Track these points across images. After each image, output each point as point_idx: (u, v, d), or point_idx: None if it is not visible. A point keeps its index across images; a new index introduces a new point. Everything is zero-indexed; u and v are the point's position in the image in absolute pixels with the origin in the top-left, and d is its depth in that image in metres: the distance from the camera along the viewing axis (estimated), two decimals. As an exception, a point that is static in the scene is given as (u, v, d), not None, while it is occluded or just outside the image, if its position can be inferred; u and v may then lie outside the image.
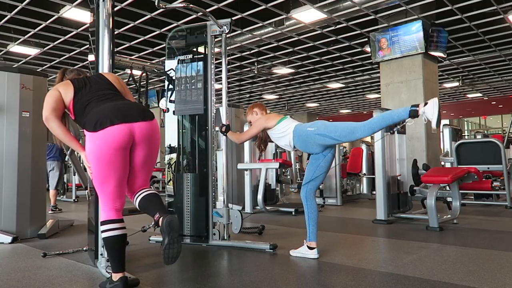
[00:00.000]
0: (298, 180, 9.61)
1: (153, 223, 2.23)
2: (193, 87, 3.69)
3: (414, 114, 2.73)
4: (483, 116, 25.65)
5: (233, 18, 5.00)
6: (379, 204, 4.88)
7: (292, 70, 12.35)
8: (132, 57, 7.71)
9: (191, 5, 3.44)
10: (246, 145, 6.37)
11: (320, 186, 3.24)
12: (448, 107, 19.75)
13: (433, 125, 2.71)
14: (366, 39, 9.13)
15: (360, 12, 7.60)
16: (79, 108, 2.29)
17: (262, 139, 3.52)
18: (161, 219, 2.15)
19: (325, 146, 3.07)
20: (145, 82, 4.11)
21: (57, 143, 2.59)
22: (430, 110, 2.69)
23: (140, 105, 2.49)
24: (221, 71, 3.74)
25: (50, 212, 6.45)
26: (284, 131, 3.20)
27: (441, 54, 8.61)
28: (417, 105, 2.75)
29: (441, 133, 7.90)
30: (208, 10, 6.97)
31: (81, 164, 6.03)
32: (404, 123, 2.99)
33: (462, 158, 6.22)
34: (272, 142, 3.63)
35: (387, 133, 4.82)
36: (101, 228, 2.27)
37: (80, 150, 2.34)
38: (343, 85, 14.66)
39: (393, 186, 5.02)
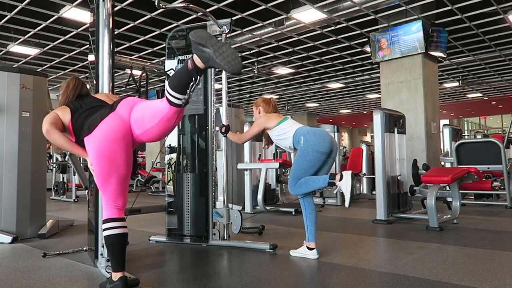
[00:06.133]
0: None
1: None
2: (193, 87, 3.67)
3: (332, 185, 2.87)
4: (483, 116, 25.64)
5: (233, 18, 5.00)
6: (379, 204, 4.89)
7: (292, 70, 12.35)
8: (132, 57, 7.69)
9: (191, 5, 3.44)
10: (246, 145, 6.37)
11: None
12: (448, 107, 19.75)
13: (346, 204, 2.87)
14: (366, 39, 9.13)
15: (360, 12, 7.60)
16: (78, 126, 2.33)
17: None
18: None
19: None
20: (145, 82, 4.10)
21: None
22: (344, 187, 2.81)
23: None
24: (221, 71, 3.73)
25: None
26: (284, 133, 3.18)
27: (441, 54, 8.61)
28: (334, 177, 2.86)
29: (441, 133, 7.90)
30: (208, 10, 6.97)
31: (81, 164, 6.05)
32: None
33: (462, 158, 6.22)
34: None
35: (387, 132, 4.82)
36: (103, 226, 2.28)
37: (84, 155, 2.37)
38: (343, 85, 14.66)
39: (393, 186, 5.02)
